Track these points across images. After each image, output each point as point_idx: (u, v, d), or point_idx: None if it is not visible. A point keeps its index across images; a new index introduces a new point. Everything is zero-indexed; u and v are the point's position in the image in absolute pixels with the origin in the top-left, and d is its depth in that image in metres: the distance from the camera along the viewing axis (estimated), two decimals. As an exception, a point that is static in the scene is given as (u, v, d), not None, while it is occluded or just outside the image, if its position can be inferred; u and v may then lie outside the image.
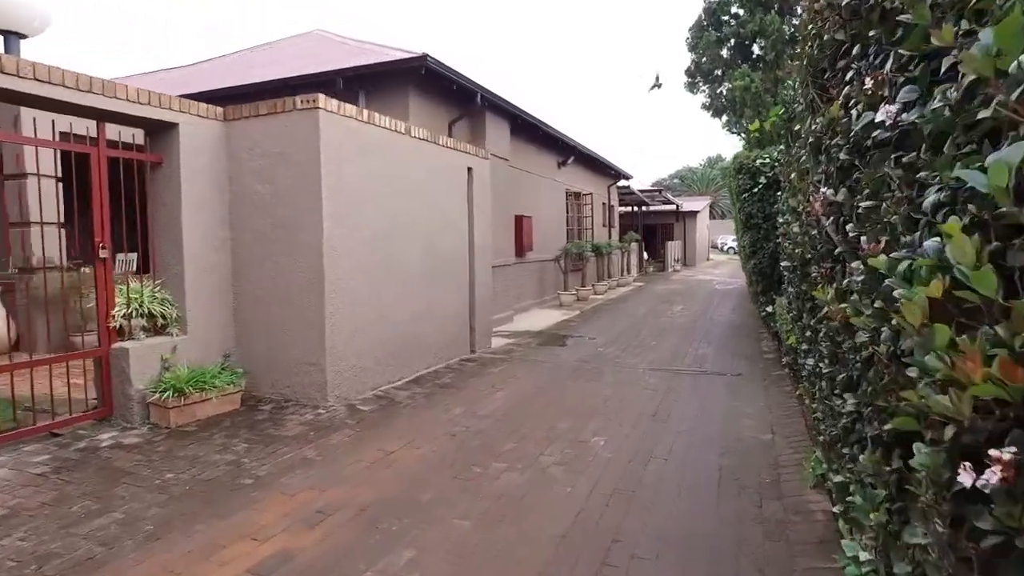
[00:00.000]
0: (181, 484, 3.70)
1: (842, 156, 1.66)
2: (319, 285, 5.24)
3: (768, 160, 6.30)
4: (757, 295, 7.01)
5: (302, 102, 5.17)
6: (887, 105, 1.22)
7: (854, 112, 1.51)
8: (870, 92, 1.39)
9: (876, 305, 1.21)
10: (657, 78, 9.10)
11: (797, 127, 2.55)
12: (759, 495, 3.50)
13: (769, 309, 6.21)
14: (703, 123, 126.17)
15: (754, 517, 3.24)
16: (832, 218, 1.77)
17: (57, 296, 5.84)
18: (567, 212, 15.81)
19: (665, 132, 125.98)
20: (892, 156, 1.24)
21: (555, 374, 6.82)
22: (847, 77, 1.70)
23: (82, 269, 6.39)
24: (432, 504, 3.46)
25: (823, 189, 1.81)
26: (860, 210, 1.45)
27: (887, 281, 1.13)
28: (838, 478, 2.14)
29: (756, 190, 6.32)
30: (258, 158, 5.41)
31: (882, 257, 1.15)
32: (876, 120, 1.30)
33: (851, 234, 1.54)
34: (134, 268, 5.99)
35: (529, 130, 12.34)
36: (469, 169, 7.83)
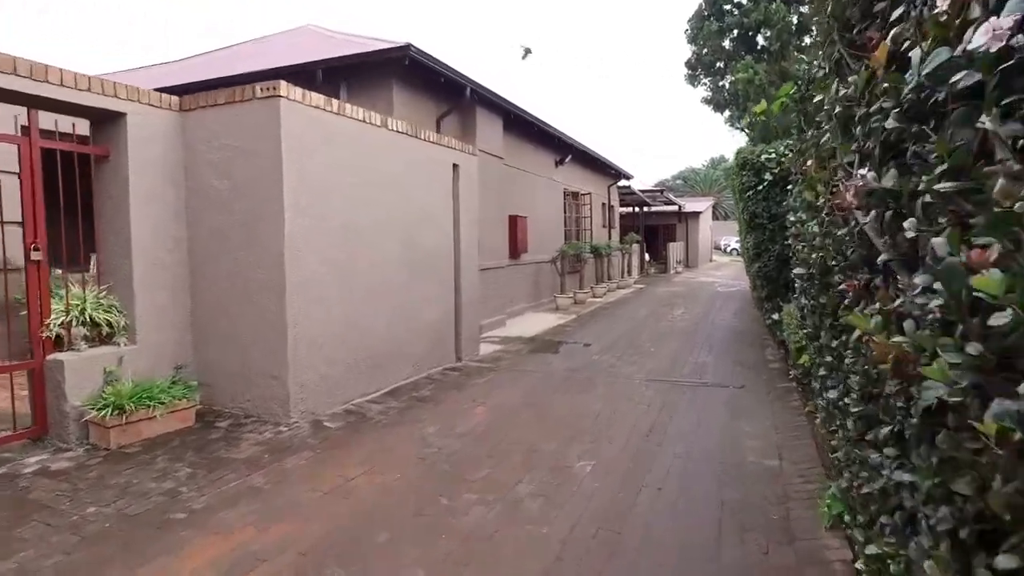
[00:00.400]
0: (101, 521, 3.22)
1: (889, 124, 1.18)
2: (280, 286, 4.76)
3: (774, 155, 5.81)
4: (762, 300, 6.52)
5: (262, 90, 4.70)
6: (992, 19, 0.75)
7: (914, 55, 1.03)
8: (944, 17, 0.91)
9: (974, 351, 0.74)
10: (527, 50, 8.44)
11: (818, 97, 2.06)
12: (766, 538, 3.01)
13: (775, 317, 5.71)
14: (705, 123, 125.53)
15: (761, 569, 2.75)
16: (873, 212, 1.29)
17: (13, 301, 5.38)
18: (565, 212, 15.33)
19: (667, 132, 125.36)
20: (998, 104, 0.77)
21: (544, 385, 6.34)
22: (894, 15, 1.22)
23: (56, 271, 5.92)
24: (388, 546, 2.98)
25: (860, 172, 1.33)
26: (927, 198, 0.97)
27: (1002, 315, 0.66)
28: (871, 549, 1.65)
29: (761, 187, 5.83)
30: (216, 150, 4.94)
31: (995, 273, 0.68)
32: (960, 53, 0.82)
33: (908, 233, 1.05)
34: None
35: (524, 127, 11.86)
36: (455, 165, 7.35)
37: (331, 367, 5.26)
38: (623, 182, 21.15)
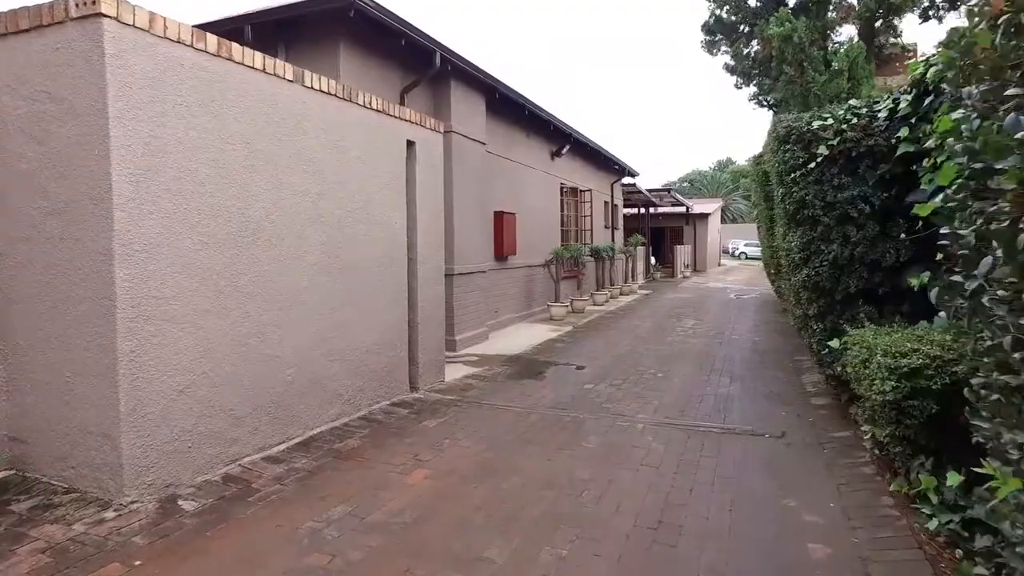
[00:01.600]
0: None
1: None
2: (106, 303, 3.20)
3: (831, 121, 4.21)
4: (807, 319, 4.90)
5: (77, 6, 3.13)
6: None
7: None
8: None
9: None
10: None
11: None
12: None
13: (833, 344, 4.10)
14: (712, 125, 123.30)
15: None
16: None
17: None
18: (562, 210, 13.74)
19: (673, 133, 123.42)
20: None
21: (517, 432, 4.75)
22: None
23: None
24: None
25: None
26: None
27: None
28: None
29: (813, 166, 4.22)
30: (23, 100, 3.39)
31: None
32: None
33: None
34: None
35: (512, 109, 10.29)
36: (410, 143, 5.78)
37: (205, 416, 3.69)
38: (628, 180, 19.56)
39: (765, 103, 12.20)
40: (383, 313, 5.37)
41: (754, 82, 11.03)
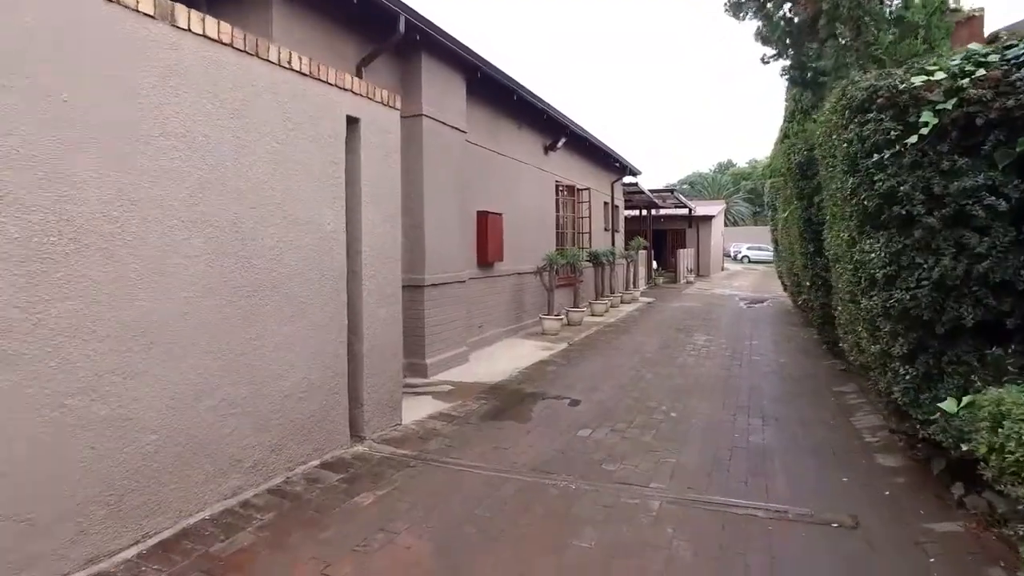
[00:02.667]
0: None
1: None
2: None
3: (941, 75, 2.87)
4: (885, 358, 3.53)
5: None
6: None
7: None
8: None
9: None
10: None
11: None
12: None
13: (947, 407, 2.77)
14: (713, 127, 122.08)
15: None
16: None
17: None
18: (558, 211, 12.41)
19: (673, 135, 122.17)
20: None
21: (481, 517, 3.40)
22: None
23: None
24: None
25: None
26: None
27: None
28: None
29: (914, 141, 2.89)
30: None
31: None
32: None
33: None
34: None
35: (499, 94, 8.97)
36: (352, 121, 4.45)
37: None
38: (629, 179, 18.24)
39: (801, 78, 10.64)
40: (310, 344, 4.02)
41: (788, 52, 9.49)
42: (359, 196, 4.51)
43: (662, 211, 27.82)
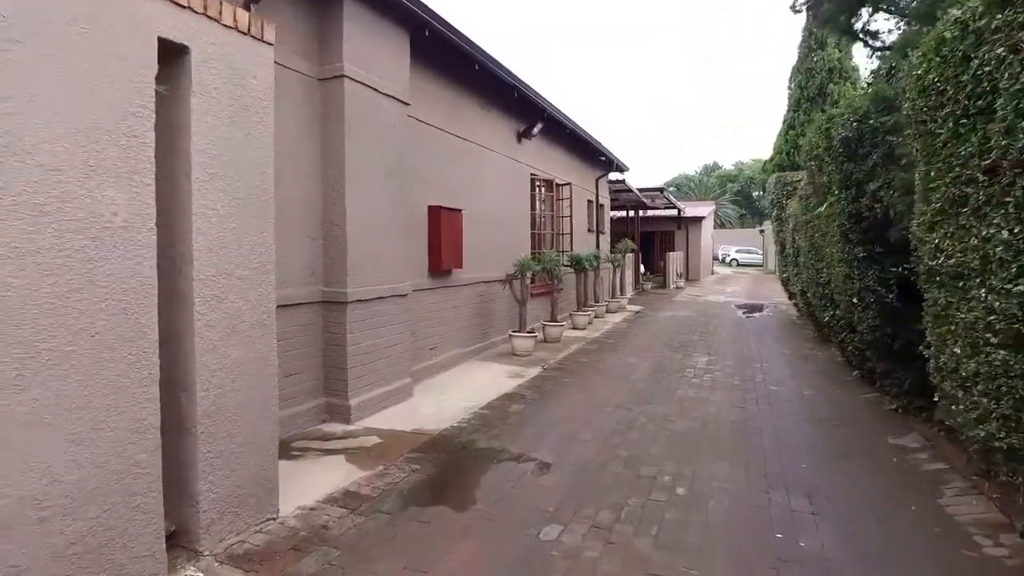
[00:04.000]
0: None
1: None
2: None
3: None
4: (1007, 430, 1.89)
5: None
6: None
7: None
8: None
9: None
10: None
11: None
12: None
13: None
14: (697, 129, 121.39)
15: None
16: None
17: None
18: (534, 208, 10.78)
19: (659, 137, 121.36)
20: None
21: None
22: None
23: None
24: None
25: None
26: None
27: None
28: None
29: None
30: None
31: None
32: None
33: None
34: None
35: (458, 63, 7.32)
36: (176, 50, 2.77)
37: None
38: (616, 175, 16.68)
39: (847, 26, 8.80)
40: (69, 422, 2.32)
41: (840, 19, 7.76)
42: (187, 169, 2.82)
43: (650, 212, 26.35)
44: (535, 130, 9.83)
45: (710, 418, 5.42)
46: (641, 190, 19.68)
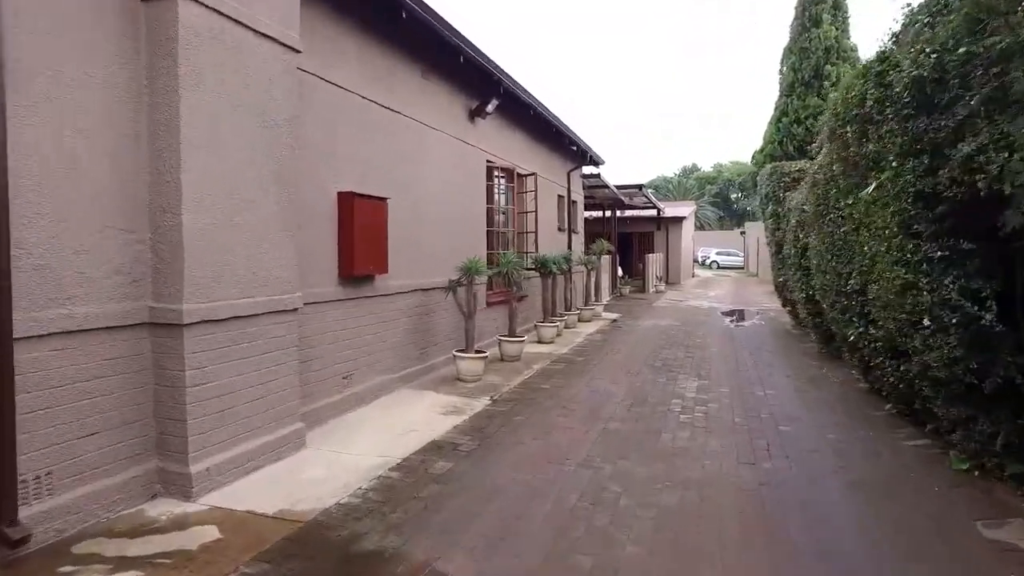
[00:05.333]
0: None
1: None
2: None
3: None
4: None
5: None
6: None
7: None
8: None
9: None
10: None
11: None
12: None
13: None
14: (685, 119, 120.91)
15: None
16: None
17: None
18: (491, 201, 9.18)
19: (637, 138, 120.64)
20: None
21: None
22: None
23: None
24: None
25: None
26: None
27: None
28: None
29: None
30: None
31: None
32: None
33: None
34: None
35: (380, 10, 5.70)
36: None
37: None
38: (591, 169, 15.17)
39: None
40: None
41: None
42: None
43: (628, 212, 24.95)
44: (490, 107, 8.22)
45: (710, 484, 3.85)
46: (619, 187, 18.20)
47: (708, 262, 44.43)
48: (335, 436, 4.84)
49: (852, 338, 5.23)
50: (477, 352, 6.81)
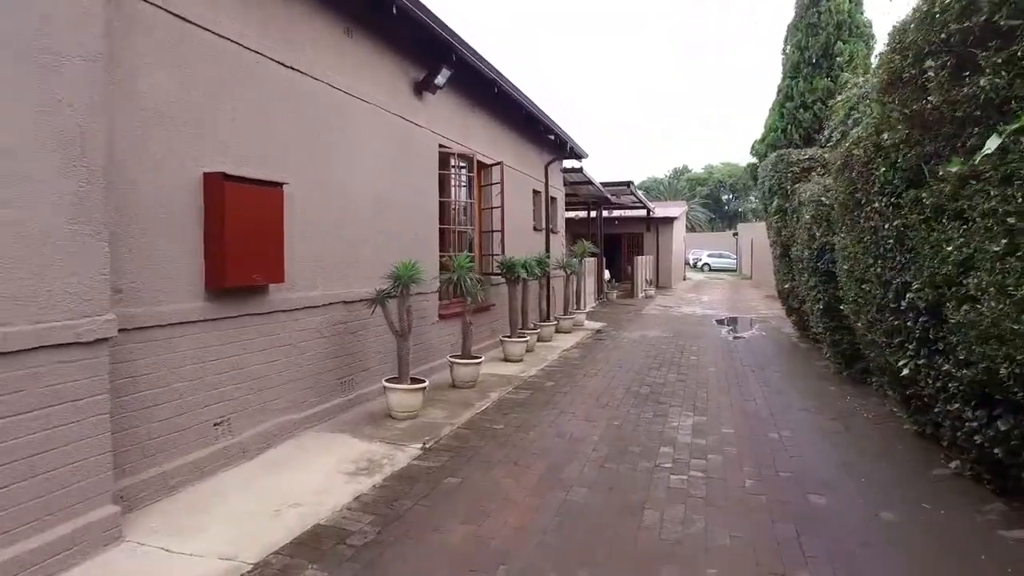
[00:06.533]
0: None
1: None
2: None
3: None
4: None
5: None
6: None
7: None
8: None
9: None
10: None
11: None
12: None
13: None
14: (685, 119, 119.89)
15: None
16: None
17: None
18: (447, 194, 7.73)
19: (627, 138, 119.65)
20: None
21: None
22: None
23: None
24: None
25: None
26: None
27: None
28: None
29: None
30: None
31: None
32: None
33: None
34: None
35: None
36: None
37: None
38: (572, 163, 13.75)
39: None
40: None
41: None
42: None
43: (616, 212, 23.60)
44: (440, 79, 6.77)
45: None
46: (605, 184, 16.80)
47: (700, 264, 43.20)
48: (178, 516, 3.36)
49: (905, 372, 3.81)
50: (414, 381, 5.35)
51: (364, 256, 5.72)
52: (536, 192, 11.56)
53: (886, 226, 3.85)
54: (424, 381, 5.42)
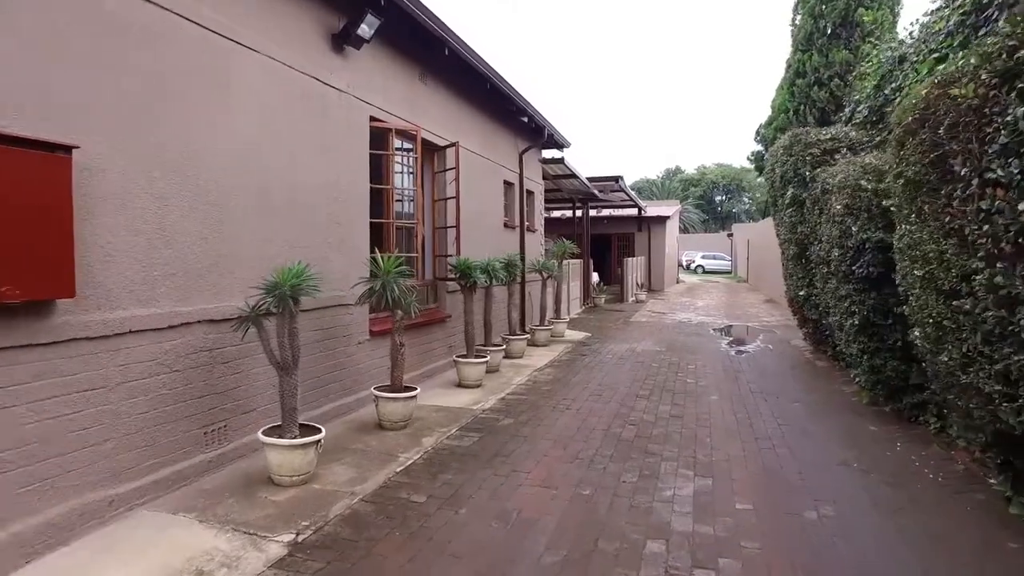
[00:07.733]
0: None
1: None
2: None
3: None
4: None
5: None
6: None
7: None
8: None
9: None
10: None
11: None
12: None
13: None
14: (676, 130, 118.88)
15: None
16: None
17: None
18: (383, 180, 6.21)
19: (619, 139, 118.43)
20: None
21: None
22: None
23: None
24: None
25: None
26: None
27: None
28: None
29: None
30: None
31: None
32: None
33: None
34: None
35: None
36: None
37: None
38: (553, 153, 12.26)
39: None
40: None
41: None
42: None
43: (605, 211, 22.16)
44: (364, 29, 5.23)
45: None
46: (592, 179, 15.31)
47: (693, 266, 41.81)
48: None
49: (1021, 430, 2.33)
50: (304, 429, 3.82)
51: (247, 257, 4.20)
52: (508, 184, 10.05)
53: (1021, 207, 2.37)
54: (319, 431, 3.88)
